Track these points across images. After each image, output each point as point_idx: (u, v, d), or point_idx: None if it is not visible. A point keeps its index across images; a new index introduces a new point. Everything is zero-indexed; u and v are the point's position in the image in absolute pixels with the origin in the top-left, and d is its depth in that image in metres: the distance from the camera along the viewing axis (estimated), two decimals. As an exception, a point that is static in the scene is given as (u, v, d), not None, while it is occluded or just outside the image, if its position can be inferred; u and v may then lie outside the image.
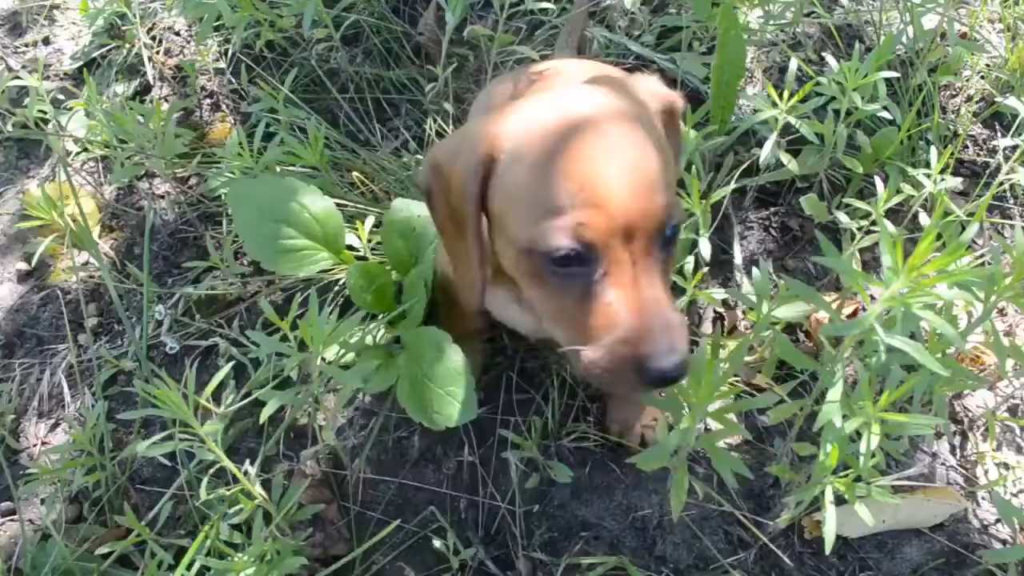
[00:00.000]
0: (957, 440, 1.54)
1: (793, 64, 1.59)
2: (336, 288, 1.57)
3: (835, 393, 1.09)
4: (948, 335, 0.94)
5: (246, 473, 1.22)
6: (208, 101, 1.99)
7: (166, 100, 2.00)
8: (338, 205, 1.49)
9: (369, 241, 1.52)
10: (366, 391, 1.35)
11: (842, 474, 1.14)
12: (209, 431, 1.12)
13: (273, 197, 1.36)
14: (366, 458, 1.48)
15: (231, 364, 1.31)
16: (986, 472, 1.50)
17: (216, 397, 1.53)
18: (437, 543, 1.38)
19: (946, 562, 1.40)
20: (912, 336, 1.22)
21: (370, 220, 1.50)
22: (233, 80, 1.97)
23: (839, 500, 1.14)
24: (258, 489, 1.23)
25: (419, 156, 1.82)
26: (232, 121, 1.94)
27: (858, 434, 1.10)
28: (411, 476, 1.48)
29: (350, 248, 1.49)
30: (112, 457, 1.46)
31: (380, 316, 1.45)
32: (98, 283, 1.74)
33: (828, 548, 1.09)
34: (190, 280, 1.70)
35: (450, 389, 1.28)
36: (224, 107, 1.97)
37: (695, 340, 1.59)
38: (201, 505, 1.34)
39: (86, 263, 1.76)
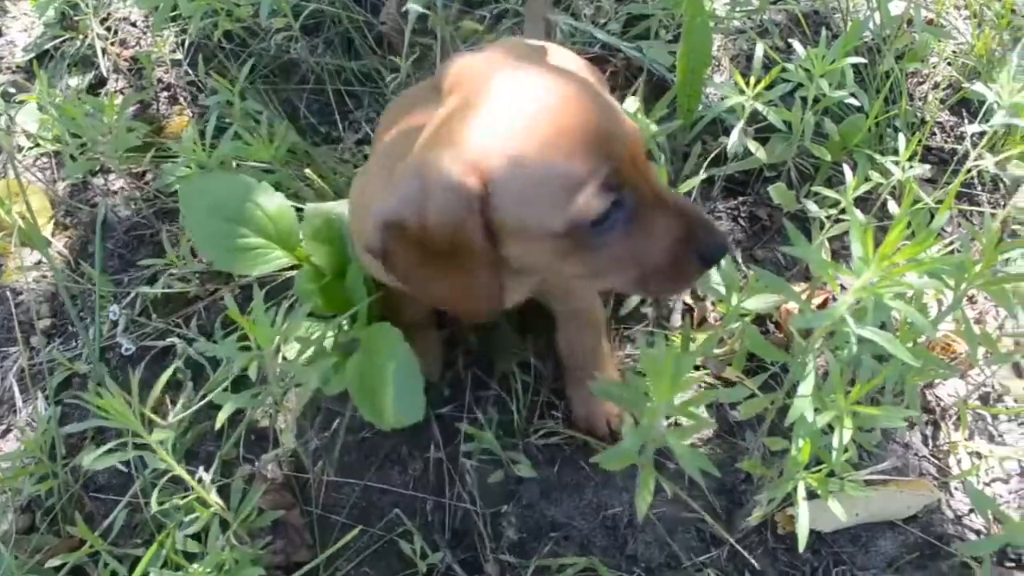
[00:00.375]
0: (929, 430, 1.53)
1: (759, 50, 1.57)
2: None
3: (806, 387, 1.06)
4: (919, 324, 0.91)
5: (200, 480, 1.18)
6: (165, 94, 1.94)
7: (122, 93, 1.94)
8: (294, 201, 1.44)
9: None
10: (325, 392, 1.31)
11: (814, 469, 1.11)
12: (159, 439, 1.07)
13: (225, 195, 1.31)
14: (330, 460, 1.44)
15: (174, 368, 1.27)
16: (959, 462, 1.49)
17: (174, 400, 1.49)
18: (404, 547, 1.34)
19: (920, 554, 1.39)
20: (883, 326, 1.21)
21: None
22: (190, 72, 1.92)
23: (811, 495, 1.12)
24: (213, 496, 1.19)
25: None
26: (190, 114, 1.89)
27: (830, 427, 1.08)
28: (376, 478, 1.44)
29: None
30: (64, 464, 1.41)
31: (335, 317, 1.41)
32: (52, 283, 1.68)
33: (802, 545, 1.07)
34: (147, 279, 1.65)
35: (398, 388, 1.24)
36: (182, 100, 1.92)
37: (665, 334, 1.56)
38: (158, 513, 1.30)
39: (39, 262, 1.71)
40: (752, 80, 1.51)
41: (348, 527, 1.37)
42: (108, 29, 2.01)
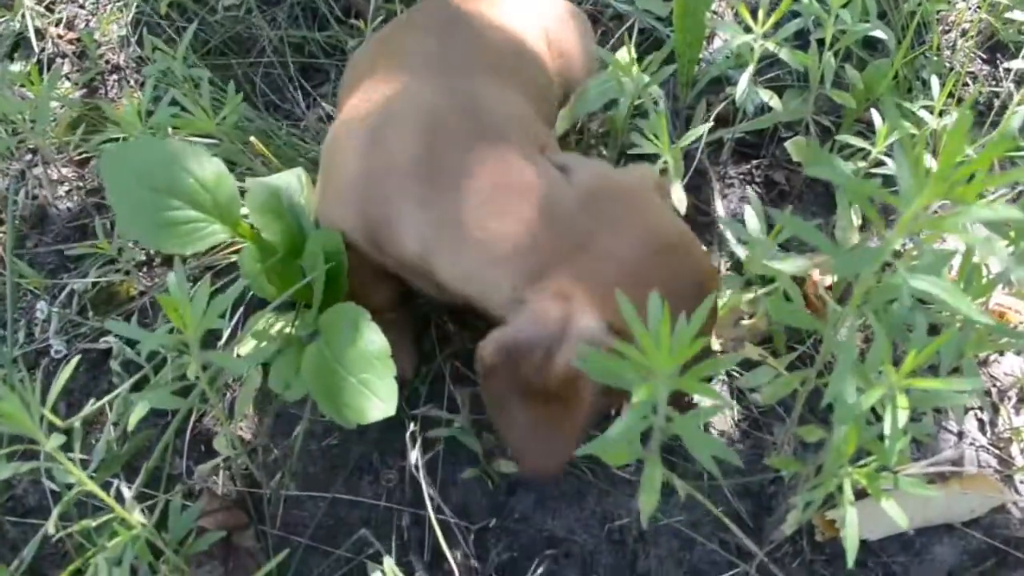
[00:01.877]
0: (987, 415, 1.32)
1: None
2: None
3: (847, 358, 0.85)
4: (1002, 259, 0.69)
5: (119, 497, 0.98)
6: (115, 77, 1.76)
7: (67, 78, 1.76)
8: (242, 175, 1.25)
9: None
10: (286, 398, 1.11)
11: (860, 464, 0.91)
12: (56, 444, 0.88)
13: (152, 162, 1.12)
14: (291, 471, 1.24)
15: (110, 372, 1.08)
16: (1023, 451, 1.28)
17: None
18: (374, 571, 1.13)
19: (985, 560, 1.17)
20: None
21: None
22: (139, 50, 1.74)
23: (858, 495, 0.92)
24: (137, 515, 0.99)
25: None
26: (139, 97, 1.70)
27: (874, 414, 0.88)
28: (344, 491, 1.24)
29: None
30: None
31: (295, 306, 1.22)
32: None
33: (851, 558, 0.86)
34: (85, 273, 1.46)
35: (364, 377, 1.02)
36: (132, 82, 1.74)
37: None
38: (84, 540, 1.10)
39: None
40: (760, 16, 1.31)
41: (312, 549, 1.18)
42: (49, 9, 1.83)
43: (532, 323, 0.93)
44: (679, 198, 1.26)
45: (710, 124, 1.41)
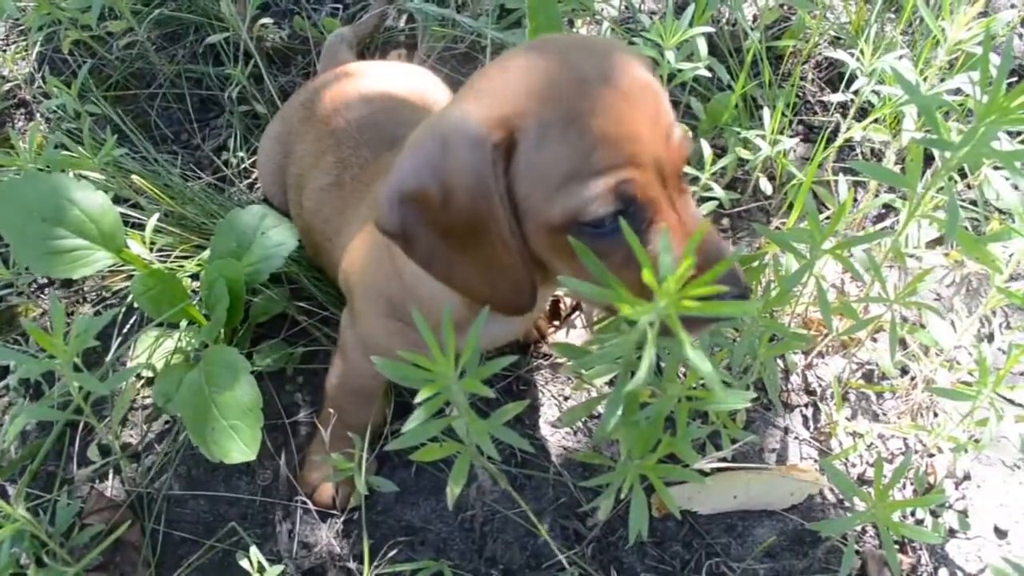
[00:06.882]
0: (810, 412, 1.47)
1: (605, 29, 1.52)
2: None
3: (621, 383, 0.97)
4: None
5: (4, 495, 1.09)
6: (22, 111, 1.86)
7: (-25, 112, 1.86)
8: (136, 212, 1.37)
9: (152, 246, 1.39)
10: (166, 411, 1.22)
11: (650, 457, 1.04)
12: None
13: (40, 195, 1.23)
14: (174, 473, 1.36)
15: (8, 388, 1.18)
16: (840, 444, 1.43)
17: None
18: (243, 560, 1.25)
19: (799, 541, 1.32)
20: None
21: (153, 219, 1.36)
22: (43, 85, 1.84)
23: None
24: (21, 511, 1.10)
25: (242, 154, 1.71)
26: (45, 130, 1.81)
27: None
28: (224, 489, 1.35)
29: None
30: None
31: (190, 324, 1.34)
32: None
33: (631, 536, 1.00)
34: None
35: (235, 423, 1.15)
36: (39, 116, 1.84)
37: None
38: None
39: None
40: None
41: (190, 541, 1.29)
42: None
43: (410, 158, 0.86)
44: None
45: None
